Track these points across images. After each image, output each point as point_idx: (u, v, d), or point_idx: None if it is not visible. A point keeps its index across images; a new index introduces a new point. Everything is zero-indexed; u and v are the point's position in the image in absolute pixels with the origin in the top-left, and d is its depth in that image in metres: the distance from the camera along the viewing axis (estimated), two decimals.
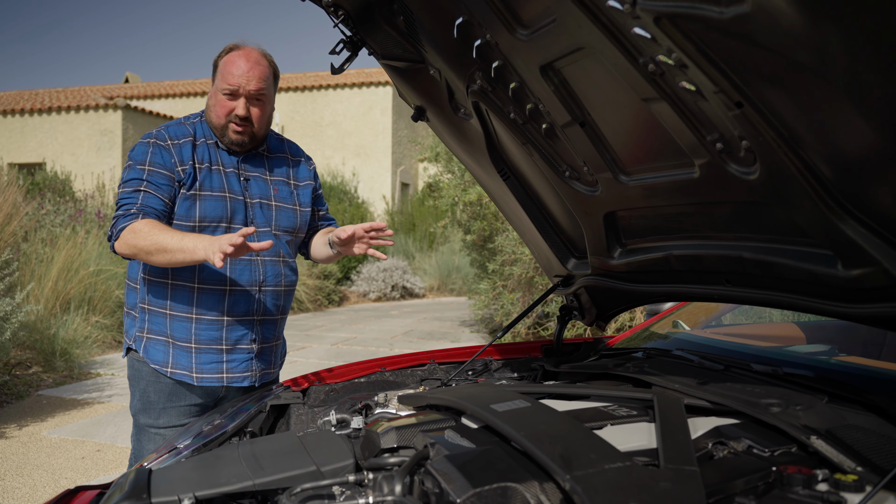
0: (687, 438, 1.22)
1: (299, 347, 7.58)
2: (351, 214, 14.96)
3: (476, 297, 8.10)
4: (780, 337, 2.16)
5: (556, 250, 2.05)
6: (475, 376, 2.07)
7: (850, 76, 0.93)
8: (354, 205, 16.07)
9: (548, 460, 1.12)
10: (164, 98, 18.73)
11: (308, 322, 9.81)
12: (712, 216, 1.46)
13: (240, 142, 1.99)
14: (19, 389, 5.18)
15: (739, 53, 1.04)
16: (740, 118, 1.13)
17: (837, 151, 1.07)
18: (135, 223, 1.81)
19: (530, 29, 1.39)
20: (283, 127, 17.62)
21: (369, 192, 17.05)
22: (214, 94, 1.98)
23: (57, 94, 18.72)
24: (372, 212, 16.44)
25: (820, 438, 1.20)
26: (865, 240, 1.13)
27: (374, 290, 13.07)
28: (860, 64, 0.91)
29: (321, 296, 11.85)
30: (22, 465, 3.72)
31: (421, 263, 14.50)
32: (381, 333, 8.78)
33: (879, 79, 0.90)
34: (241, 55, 1.95)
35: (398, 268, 13.48)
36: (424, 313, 10.98)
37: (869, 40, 0.87)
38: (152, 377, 1.97)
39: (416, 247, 15.14)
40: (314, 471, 1.34)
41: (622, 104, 1.40)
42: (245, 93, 1.94)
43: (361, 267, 13.37)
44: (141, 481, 1.30)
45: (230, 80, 1.93)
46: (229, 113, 1.95)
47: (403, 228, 15.87)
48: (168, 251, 1.75)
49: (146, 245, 1.77)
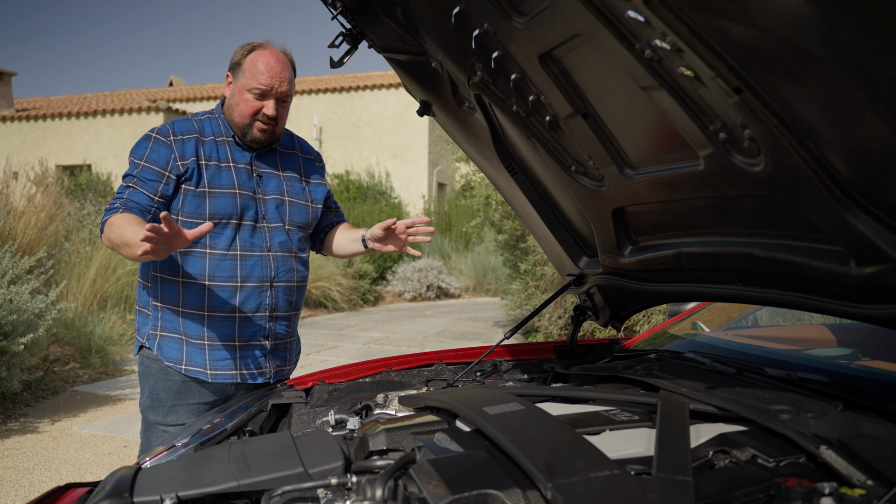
0: (685, 446, 1.15)
1: (331, 347, 7.61)
2: (387, 215, 15.00)
3: (508, 298, 8.02)
4: (807, 340, 2.06)
5: (568, 248, 1.98)
6: (483, 377, 2.02)
7: (858, 59, 0.85)
8: (391, 205, 16.12)
9: (531, 467, 1.06)
10: (205, 100, 19.06)
11: (342, 321, 9.85)
12: (720, 211, 1.38)
13: (263, 140, 1.99)
14: (56, 385, 5.30)
15: (734, 34, 0.97)
16: (740, 105, 1.06)
17: (846, 141, 0.99)
18: (113, 217, 1.81)
19: (526, 16, 1.34)
20: (321, 128, 17.77)
21: (406, 192, 17.08)
22: (239, 92, 1.96)
23: (104, 97, 19.22)
24: (408, 212, 16.47)
25: (830, 449, 1.11)
26: (879, 235, 1.05)
27: (409, 290, 13.07)
28: (868, 45, 0.83)
29: (356, 295, 11.90)
30: (51, 459, 3.79)
31: (457, 263, 14.45)
32: (413, 333, 8.77)
33: (890, 61, 0.83)
34: (270, 56, 1.94)
35: (433, 268, 13.46)
36: (459, 313, 10.93)
37: (877, 19, 0.80)
38: (161, 374, 1.97)
39: (451, 247, 15.11)
40: (301, 472, 1.30)
41: (623, 94, 1.34)
42: (276, 94, 1.94)
43: (397, 267, 13.39)
44: (125, 480, 1.28)
45: (262, 81, 1.92)
46: (256, 112, 1.95)
47: (440, 228, 15.86)
48: (129, 244, 1.71)
49: (115, 238, 1.77)
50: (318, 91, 17.83)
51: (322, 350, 7.38)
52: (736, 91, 1.05)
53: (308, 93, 17.92)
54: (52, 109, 16.54)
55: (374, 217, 14.15)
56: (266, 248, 1.98)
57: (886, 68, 0.83)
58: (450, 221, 15.96)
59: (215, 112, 2.05)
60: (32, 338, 4.37)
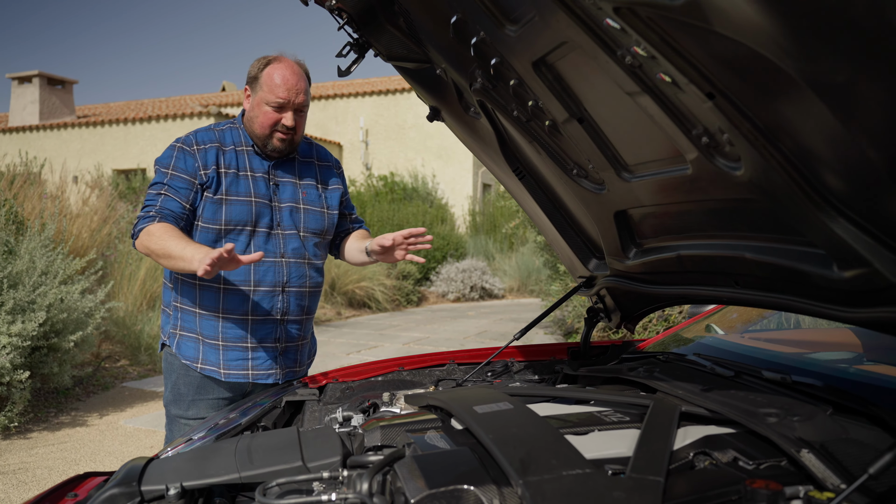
0: (664, 447, 1.17)
1: (371, 346, 7.72)
2: (432, 216, 15.10)
3: (548, 299, 8.00)
4: (827, 343, 2.03)
5: (577, 251, 2.00)
6: (494, 377, 2.05)
7: (811, 67, 0.86)
8: (436, 206, 16.21)
9: (506, 464, 1.10)
10: None
11: (384, 322, 9.97)
12: (712, 215, 1.39)
13: (283, 149, 2.07)
14: (106, 381, 5.52)
15: (700, 42, 0.99)
16: (715, 110, 1.08)
17: (817, 146, 1.00)
18: (151, 225, 1.89)
19: (518, 24, 1.37)
20: (367, 130, 17.98)
21: (451, 193, 17.14)
22: (258, 105, 2.03)
23: (159, 103, 19.85)
24: (453, 213, 16.53)
25: (811, 452, 1.12)
26: (856, 239, 1.05)
27: (452, 290, 13.12)
28: (816, 53, 0.84)
29: (400, 296, 12.01)
30: (96, 451, 3.96)
31: (501, 264, 14.44)
32: (454, 334, 8.81)
33: (839, 67, 0.84)
34: (286, 68, 2.01)
35: (477, 268, 13.48)
36: (501, 314, 10.93)
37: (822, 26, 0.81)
38: (182, 370, 2.06)
39: (496, 247, 15.10)
40: (299, 466, 1.36)
41: (614, 99, 1.36)
42: (293, 105, 2.01)
43: (440, 268, 13.46)
44: (135, 470, 1.35)
45: (280, 94, 1.99)
46: (275, 123, 2.02)
47: (484, 229, 15.87)
48: (172, 257, 1.82)
49: (156, 248, 1.85)
50: (364, 94, 18.05)
51: (362, 350, 7.49)
52: (709, 96, 1.06)
53: (354, 95, 18.16)
54: (110, 116, 17.15)
55: (418, 218, 14.25)
56: (279, 255, 2.05)
57: (837, 75, 0.84)
58: (494, 222, 15.96)
59: (236, 122, 2.12)
60: (82, 335, 4.58)
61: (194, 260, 1.75)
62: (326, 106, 18.47)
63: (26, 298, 4.25)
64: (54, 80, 18.14)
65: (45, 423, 4.46)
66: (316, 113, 18.52)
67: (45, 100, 17.78)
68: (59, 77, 18.22)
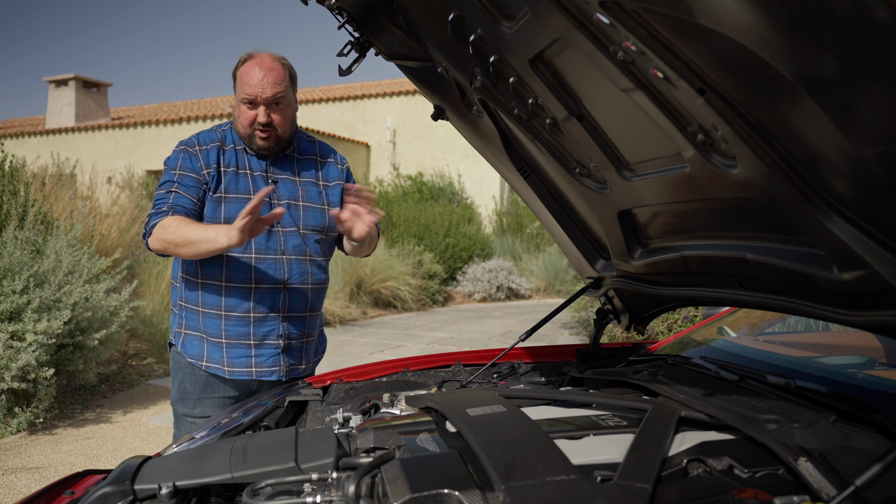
0: (655, 453, 1.13)
1: (395, 346, 7.73)
2: (458, 216, 15.08)
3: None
4: (843, 346, 1.96)
5: (584, 251, 1.97)
6: (499, 379, 2.03)
7: (797, 61, 0.83)
8: (462, 205, 16.19)
9: (491, 468, 1.08)
10: None
11: (409, 321, 9.98)
12: (712, 214, 1.35)
13: (266, 147, 2.06)
14: (132, 378, 5.61)
15: (686, 36, 0.96)
16: (707, 107, 1.04)
17: (811, 143, 0.96)
18: (164, 219, 1.92)
19: (513, 21, 1.35)
20: (394, 130, 18.04)
21: (478, 192, 17.12)
22: (237, 105, 2.04)
23: (191, 105, 20.15)
24: (479, 213, 16.50)
25: (809, 461, 1.08)
26: (853, 239, 1.01)
27: (478, 290, 13.09)
28: (801, 47, 0.81)
29: (425, 296, 12.02)
30: (118, 448, 4.02)
31: (528, 264, 14.36)
32: (478, 334, 8.79)
33: (824, 62, 0.80)
34: (254, 64, 2.00)
35: (503, 268, 13.43)
36: (527, 314, 10.87)
37: (806, 20, 0.77)
38: (188, 369, 2.07)
39: (523, 247, 15.03)
40: (292, 467, 1.35)
41: (612, 97, 1.33)
42: (263, 100, 1.99)
43: (467, 267, 13.44)
44: (129, 469, 1.36)
45: (247, 91, 1.99)
46: (252, 121, 2.02)
47: (511, 229, 15.81)
48: (194, 242, 1.85)
49: (174, 238, 1.88)
50: (391, 94, 18.11)
51: (385, 349, 7.51)
52: (699, 92, 1.03)
53: (381, 96, 18.23)
54: (143, 117, 17.46)
55: (444, 218, 14.24)
56: (280, 252, 2.05)
57: (823, 69, 0.80)
58: (520, 222, 15.88)
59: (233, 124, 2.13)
60: (106, 333, 4.65)
61: (220, 235, 1.80)
62: (354, 106, 18.57)
63: (52, 297, 4.33)
64: (89, 82, 18.53)
65: (71, 420, 4.54)
66: (344, 113, 18.63)
67: (80, 102, 18.17)
68: (94, 80, 18.61)
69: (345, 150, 17.51)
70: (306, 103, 19.23)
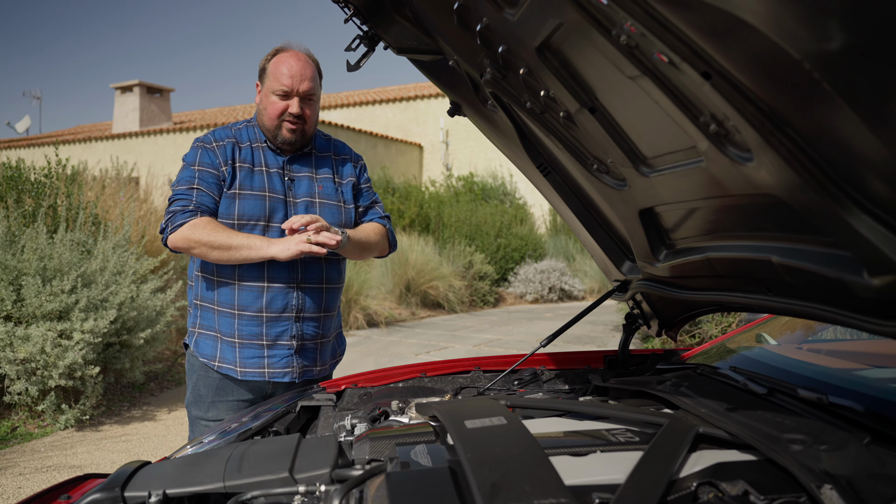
0: (663, 475, 1.03)
1: (442, 347, 7.68)
2: (511, 215, 14.97)
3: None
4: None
5: (609, 252, 1.86)
6: (521, 386, 1.94)
7: (805, 37, 0.73)
8: (514, 206, 16.06)
9: (475, 488, 1.00)
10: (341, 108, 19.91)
11: (458, 322, 9.91)
12: (733, 213, 1.24)
13: (292, 140, 2.05)
14: (181, 377, 5.71)
15: (684, 12, 0.86)
16: (714, 92, 0.94)
17: (829, 130, 0.85)
18: (195, 219, 1.93)
19: (516, 7, 1.27)
20: (447, 131, 18.02)
21: (530, 192, 16.94)
22: (266, 96, 2.04)
23: (251, 108, 20.58)
24: (532, 213, 16.33)
25: (835, 489, 0.96)
26: (884, 241, 0.89)
27: (530, 291, 12.93)
28: (808, 21, 0.71)
29: (476, 297, 11.94)
30: (160, 445, 4.08)
31: (581, 265, 14.13)
32: (527, 336, 8.66)
33: (832, 35, 0.70)
34: (291, 57, 2.02)
35: (556, 269, 13.23)
36: None
37: None
38: (202, 371, 2.05)
39: (576, 248, 14.79)
40: (285, 478, 1.30)
41: (622, 87, 1.23)
42: (298, 93, 2.01)
43: (518, 268, 13.30)
44: (122, 475, 1.33)
45: (283, 82, 2.00)
46: (282, 112, 2.02)
47: (564, 230, 15.59)
48: (233, 248, 1.90)
49: (209, 240, 1.89)
50: (444, 95, 18.10)
51: (432, 351, 7.46)
52: (705, 76, 0.93)
53: (434, 97, 18.24)
54: (204, 121, 17.91)
55: (496, 219, 14.14)
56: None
57: (832, 44, 0.69)
58: None
59: (252, 121, 2.14)
60: (152, 332, 4.74)
61: (265, 245, 1.90)
62: (407, 108, 18.63)
63: (99, 297, 4.43)
64: (153, 88, 19.12)
65: (118, 417, 4.64)
66: (397, 115, 18.70)
67: (144, 107, 18.76)
68: (157, 86, 19.19)
69: (398, 152, 17.58)
70: (360, 105, 19.40)
